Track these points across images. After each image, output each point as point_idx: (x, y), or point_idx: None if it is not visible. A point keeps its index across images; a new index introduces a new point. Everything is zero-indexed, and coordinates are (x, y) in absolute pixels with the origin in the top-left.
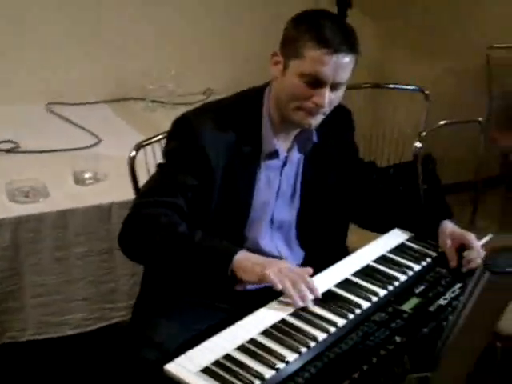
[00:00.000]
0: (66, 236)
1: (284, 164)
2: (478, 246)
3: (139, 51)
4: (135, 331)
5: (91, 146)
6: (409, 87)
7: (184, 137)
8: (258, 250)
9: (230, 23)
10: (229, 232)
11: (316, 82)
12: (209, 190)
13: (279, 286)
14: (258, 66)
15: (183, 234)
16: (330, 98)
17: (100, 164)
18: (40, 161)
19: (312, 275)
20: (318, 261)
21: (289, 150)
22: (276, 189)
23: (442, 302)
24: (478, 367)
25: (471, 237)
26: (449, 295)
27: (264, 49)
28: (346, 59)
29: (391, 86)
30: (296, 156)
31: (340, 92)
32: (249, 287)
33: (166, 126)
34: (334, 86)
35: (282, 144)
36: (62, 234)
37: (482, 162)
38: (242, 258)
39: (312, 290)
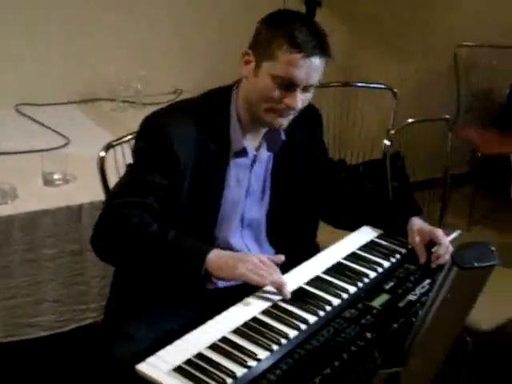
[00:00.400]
0: (35, 238)
1: (253, 162)
2: (447, 241)
3: (108, 52)
4: (106, 332)
5: (60, 146)
6: (377, 86)
7: (152, 137)
8: (228, 249)
9: (199, 23)
10: (199, 231)
11: (288, 85)
12: (178, 190)
13: (262, 283)
14: (226, 66)
15: (155, 234)
16: (300, 100)
17: (69, 165)
18: (9, 162)
19: (282, 273)
20: (288, 258)
21: (258, 149)
22: (246, 187)
23: (411, 297)
24: (448, 361)
25: (439, 233)
26: (418, 291)
27: (233, 49)
28: (319, 62)
29: (360, 84)
30: (265, 154)
31: (310, 93)
32: (220, 285)
33: (136, 126)
34: (306, 88)
35: (250, 142)
36: (32, 236)
37: (451, 159)
38: (215, 256)
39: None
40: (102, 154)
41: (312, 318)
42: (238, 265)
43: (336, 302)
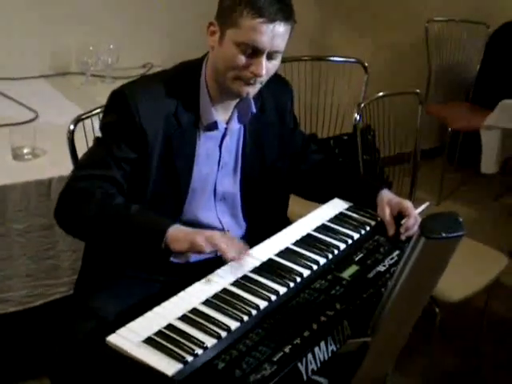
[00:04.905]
0: (5, 212)
1: (224, 135)
2: (415, 213)
3: (78, 25)
4: (74, 305)
5: (29, 121)
6: (348, 60)
7: (120, 110)
8: (197, 223)
9: None
10: (168, 206)
11: (253, 51)
12: (147, 164)
13: (206, 249)
14: (197, 39)
15: (118, 206)
16: (266, 67)
17: (38, 139)
18: None
19: (253, 245)
20: (259, 231)
21: (228, 121)
22: (217, 160)
23: (380, 268)
24: (417, 332)
25: (408, 205)
26: (387, 262)
27: (203, 22)
28: (283, 28)
29: (331, 58)
30: (236, 127)
31: (276, 61)
32: (192, 259)
33: (106, 99)
34: (271, 55)
35: (221, 115)
36: (1, 211)
37: (421, 133)
38: (176, 230)
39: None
40: (72, 127)
41: (282, 289)
42: (195, 236)
43: (306, 273)
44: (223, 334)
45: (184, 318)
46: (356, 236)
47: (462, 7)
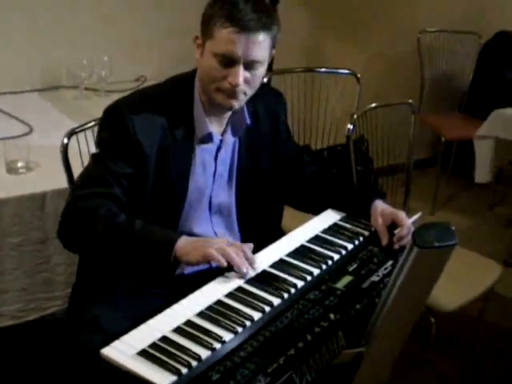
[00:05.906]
0: None
1: (219, 147)
2: (409, 223)
3: (71, 38)
4: (72, 319)
5: (23, 135)
6: (341, 71)
7: (115, 125)
8: (194, 236)
9: (162, 9)
10: (164, 220)
11: (228, 62)
12: (144, 178)
13: (223, 263)
14: (190, 52)
15: (123, 223)
16: (246, 77)
17: (32, 153)
18: None
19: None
20: (254, 243)
21: (223, 133)
22: (212, 173)
23: (374, 278)
24: (414, 342)
25: (402, 215)
26: (381, 272)
27: (195, 35)
28: (259, 37)
29: (324, 69)
30: (231, 139)
31: (258, 71)
32: (187, 271)
33: (100, 113)
34: (249, 65)
35: (215, 127)
36: None
37: (414, 144)
38: (184, 242)
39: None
40: (65, 140)
41: (276, 301)
42: (204, 246)
43: (300, 284)
44: (217, 345)
45: (178, 330)
46: (350, 246)
47: (454, 18)
